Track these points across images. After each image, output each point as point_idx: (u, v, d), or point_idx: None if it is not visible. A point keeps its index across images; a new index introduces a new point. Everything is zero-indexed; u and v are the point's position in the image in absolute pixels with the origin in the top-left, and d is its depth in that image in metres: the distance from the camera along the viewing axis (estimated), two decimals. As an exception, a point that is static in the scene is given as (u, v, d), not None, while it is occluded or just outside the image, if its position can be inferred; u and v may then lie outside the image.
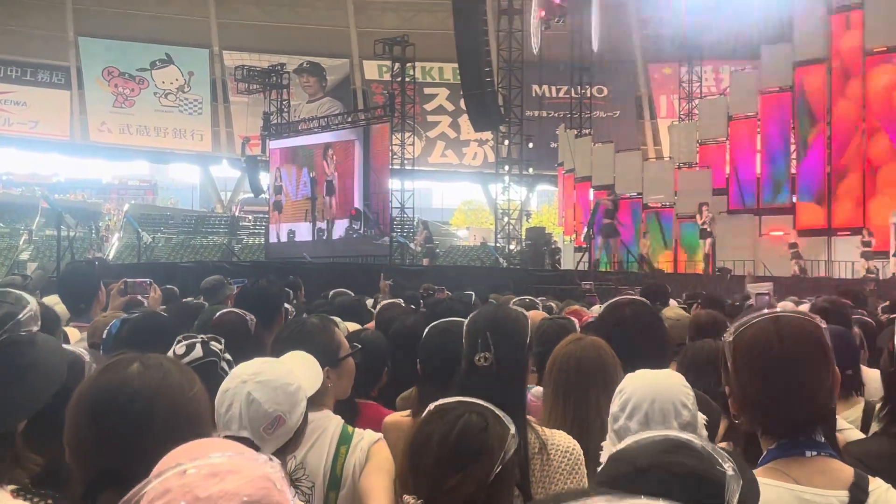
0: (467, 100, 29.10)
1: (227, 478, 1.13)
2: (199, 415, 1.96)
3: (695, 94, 34.08)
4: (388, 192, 28.95)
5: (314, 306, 8.14)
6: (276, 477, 1.17)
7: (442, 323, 3.91)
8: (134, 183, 50.64)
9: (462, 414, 2.22)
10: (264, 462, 1.18)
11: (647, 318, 3.86)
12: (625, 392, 2.60)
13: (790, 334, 2.16)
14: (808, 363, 2.15)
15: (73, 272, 6.52)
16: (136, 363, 1.99)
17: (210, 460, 1.16)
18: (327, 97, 46.24)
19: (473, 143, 46.17)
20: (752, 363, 2.17)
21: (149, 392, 1.91)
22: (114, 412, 1.90)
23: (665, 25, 37.64)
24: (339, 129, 30.26)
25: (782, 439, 2.17)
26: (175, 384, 1.95)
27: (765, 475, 2.12)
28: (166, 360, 2.09)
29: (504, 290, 11.44)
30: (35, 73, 45.58)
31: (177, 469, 1.15)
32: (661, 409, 2.54)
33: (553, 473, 2.86)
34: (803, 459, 2.15)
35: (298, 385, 2.66)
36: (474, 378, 2.87)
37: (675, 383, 2.65)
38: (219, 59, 46.50)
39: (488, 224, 43.51)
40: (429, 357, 3.73)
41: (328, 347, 3.33)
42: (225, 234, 41.01)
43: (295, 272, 13.15)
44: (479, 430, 2.18)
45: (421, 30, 39.57)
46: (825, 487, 2.11)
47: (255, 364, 2.62)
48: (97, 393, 1.95)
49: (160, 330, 4.34)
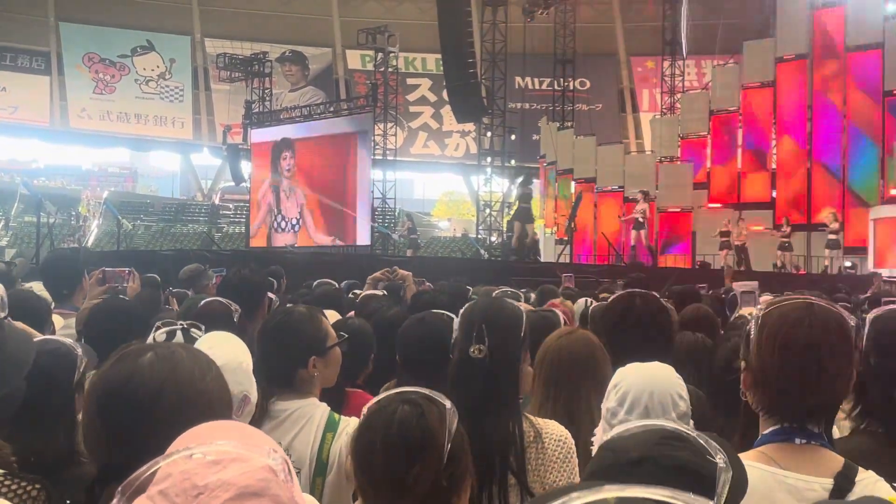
0: (450, 91, 29.10)
1: (228, 466, 1.12)
2: (211, 404, 1.93)
3: (677, 89, 34.17)
4: (370, 182, 28.87)
5: (297, 295, 8.13)
6: (280, 468, 1.16)
7: (419, 314, 3.93)
8: (114, 170, 50.26)
9: (395, 409, 2.18)
10: (268, 452, 1.17)
11: (655, 309, 3.87)
12: (620, 386, 2.61)
13: (820, 320, 2.17)
14: (833, 352, 2.15)
15: (56, 259, 6.50)
16: (150, 353, 1.97)
17: (217, 447, 1.15)
18: (309, 86, 46.10)
19: (456, 135, 46.18)
20: (778, 339, 2.17)
21: (156, 383, 1.89)
22: (120, 403, 1.89)
23: (648, 18, 37.78)
24: (321, 118, 30.11)
25: (784, 423, 2.18)
26: (185, 374, 1.93)
27: (752, 458, 2.14)
28: (180, 348, 2.06)
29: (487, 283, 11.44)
30: (15, 58, 45.18)
31: (183, 453, 1.14)
32: (661, 402, 2.56)
33: (547, 462, 2.88)
34: (793, 446, 2.16)
35: (247, 361, 2.73)
36: (467, 369, 2.88)
37: (669, 374, 2.67)
38: (200, 46, 46.27)
39: (469, 216, 43.52)
40: (406, 348, 3.76)
41: (315, 336, 3.34)
42: (205, 223, 40.85)
43: (276, 262, 13.10)
44: (416, 418, 2.15)
45: (404, 20, 39.51)
46: (811, 474, 2.13)
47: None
48: (106, 383, 1.94)
49: (125, 316, 4.37)
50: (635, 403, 2.55)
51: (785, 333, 2.17)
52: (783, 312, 2.21)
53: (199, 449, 1.15)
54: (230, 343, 2.85)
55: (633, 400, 2.55)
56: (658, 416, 2.46)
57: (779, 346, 2.16)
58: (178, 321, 3.42)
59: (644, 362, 2.73)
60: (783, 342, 2.16)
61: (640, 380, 2.61)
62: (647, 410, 2.51)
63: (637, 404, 2.54)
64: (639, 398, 2.55)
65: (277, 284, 8.96)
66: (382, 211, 31.72)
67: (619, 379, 2.65)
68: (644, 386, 2.58)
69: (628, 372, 2.66)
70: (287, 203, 30.32)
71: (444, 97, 34.21)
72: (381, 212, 31.35)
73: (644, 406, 2.53)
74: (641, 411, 2.51)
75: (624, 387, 2.60)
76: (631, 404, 2.55)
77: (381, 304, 5.66)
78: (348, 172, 28.57)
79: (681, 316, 5.75)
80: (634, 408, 2.53)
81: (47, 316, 4.64)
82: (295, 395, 3.28)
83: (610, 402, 2.61)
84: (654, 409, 2.52)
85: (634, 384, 2.59)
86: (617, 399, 2.58)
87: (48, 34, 45.16)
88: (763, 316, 2.23)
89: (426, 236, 38.41)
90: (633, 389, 2.58)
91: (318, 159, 29.76)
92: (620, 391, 2.59)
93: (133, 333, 3.79)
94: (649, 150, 33.65)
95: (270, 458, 1.16)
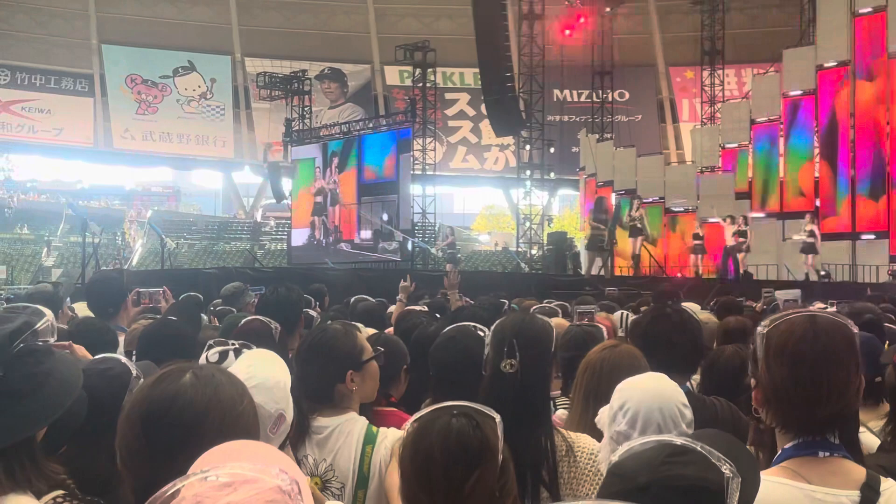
0: (488, 105, 29.08)
1: (239, 488, 1.15)
2: (248, 429, 1.97)
3: (717, 98, 33.94)
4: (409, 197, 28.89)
5: (335, 311, 8.19)
6: (289, 488, 1.18)
7: (451, 330, 3.94)
8: (157, 189, 50.89)
9: (448, 420, 2.23)
10: (278, 474, 1.20)
11: (688, 323, 3.87)
12: (627, 407, 2.58)
13: (825, 332, 2.18)
14: (839, 362, 2.16)
15: (100, 279, 6.62)
16: (189, 373, 2.00)
17: (231, 469, 1.18)
18: (349, 103, 46.34)
19: (495, 148, 46.17)
20: (784, 354, 2.18)
21: (200, 405, 1.93)
22: (165, 424, 1.92)
23: (686, 28, 37.60)
24: (360, 134, 30.22)
25: (800, 437, 2.18)
26: (227, 398, 1.97)
27: (777, 474, 2.15)
28: (218, 371, 2.10)
29: (526, 296, 11.44)
30: (59, 80, 45.92)
31: (199, 475, 1.17)
32: (671, 416, 2.55)
33: (580, 475, 2.90)
34: (816, 460, 2.16)
35: (284, 380, 2.73)
36: (500, 384, 2.91)
37: (671, 387, 2.66)
38: (241, 65, 46.71)
39: (510, 229, 43.45)
40: (438, 365, 3.77)
41: (351, 351, 3.40)
42: (247, 240, 41.17)
43: (317, 278, 13.18)
44: (473, 429, 2.20)
45: (441, 35, 39.65)
46: (837, 487, 2.13)
47: (241, 370, 2.64)
48: (149, 404, 1.97)
49: (173, 337, 4.42)
50: (647, 423, 2.53)
51: (791, 348, 2.18)
52: (788, 327, 2.21)
53: (213, 471, 1.18)
54: (269, 361, 2.86)
55: (645, 420, 2.54)
56: (670, 430, 2.45)
57: (787, 361, 2.17)
58: (228, 341, 3.47)
59: (640, 375, 2.73)
60: (790, 357, 2.17)
61: (646, 397, 2.59)
62: (658, 428, 2.50)
63: (649, 424, 2.53)
64: (650, 417, 2.54)
65: (319, 303, 9.02)
66: (422, 226, 31.77)
67: (622, 399, 2.62)
68: (651, 403, 2.57)
69: (630, 390, 2.64)
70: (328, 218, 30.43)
71: (483, 111, 34.20)
72: (421, 227, 31.39)
73: (656, 424, 2.52)
74: (654, 430, 2.49)
75: (632, 407, 2.57)
76: (643, 425, 2.53)
77: (421, 320, 5.68)
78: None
79: (722, 326, 5.73)
80: (647, 428, 2.52)
81: (114, 342, 4.70)
82: (334, 411, 3.33)
83: (620, 425, 2.57)
84: (666, 425, 2.51)
85: (642, 403, 2.57)
86: (627, 422, 2.56)
87: (91, 57, 45.85)
88: (768, 332, 2.23)
89: (466, 250, 38.42)
90: (642, 409, 2.56)
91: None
92: (629, 412, 2.57)
93: (182, 354, 3.86)
94: (690, 161, 33.41)
95: (279, 479, 1.19)
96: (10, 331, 2.09)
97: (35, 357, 2.15)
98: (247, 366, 2.71)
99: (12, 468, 2.05)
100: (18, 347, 2.09)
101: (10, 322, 2.13)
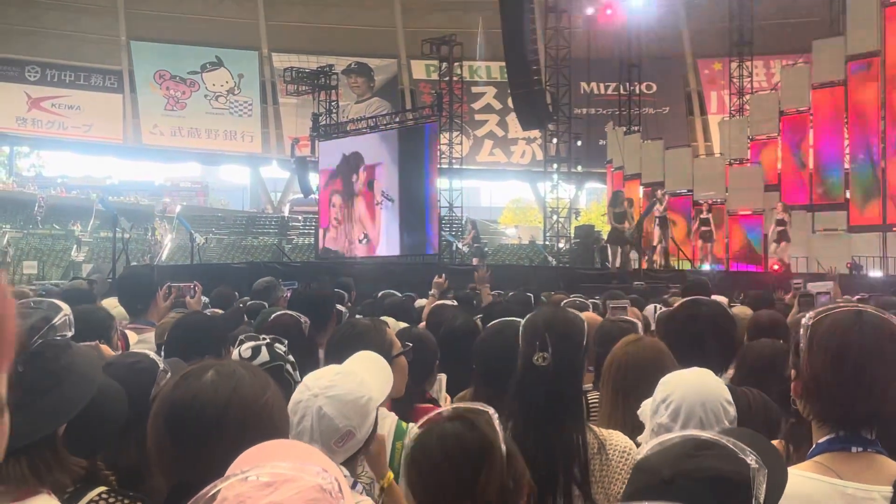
0: (515, 98, 29.04)
1: (280, 487, 1.15)
2: (273, 422, 1.97)
3: (745, 90, 33.68)
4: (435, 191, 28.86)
5: (364, 306, 8.21)
6: (332, 488, 1.18)
7: (497, 324, 3.92)
8: (186, 185, 51.14)
9: (444, 427, 2.22)
10: (318, 472, 1.19)
11: (721, 317, 3.84)
12: (671, 400, 2.58)
13: (871, 327, 2.16)
14: (885, 358, 2.14)
15: (130, 275, 6.69)
16: (211, 371, 2.01)
17: (271, 468, 1.19)
18: (375, 97, 46.43)
19: (521, 142, 46.11)
20: (829, 347, 2.16)
21: (221, 402, 1.94)
22: (187, 422, 1.94)
23: (714, 20, 37.34)
24: (387, 129, 30.24)
25: (837, 431, 2.17)
26: (248, 394, 1.97)
27: (808, 469, 2.13)
28: (240, 366, 2.10)
29: (556, 290, 11.42)
30: (88, 77, 46.33)
31: (239, 476, 1.17)
32: (713, 411, 2.54)
33: (612, 473, 2.88)
34: (849, 455, 2.14)
35: (369, 397, 2.64)
36: (532, 378, 2.90)
37: (715, 382, 2.65)
38: (268, 60, 46.92)
39: (537, 222, 43.37)
40: (484, 358, 3.74)
41: (380, 347, 3.38)
42: (275, 235, 41.30)
43: (346, 273, 13.22)
44: (469, 430, 2.19)
45: (468, 29, 39.59)
46: (869, 482, 2.10)
47: (328, 376, 2.62)
48: (172, 402, 1.99)
49: (203, 331, 4.43)
50: (689, 417, 2.52)
51: (837, 341, 2.16)
52: (834, 321, 2.19)
53: (253, 471, 1.18)
54: (361, 375, 2.74)
55: (687, 414, 2.53)
56: (712, 426, 2.44)
57: (831, 355, 2.15)
58: (260, 335, 3.49)
59: (686, 369, 2.72)
60: (835, 351, 2.15)
61: (690, 391, 2.58)
62: (700, 423, 2.49)
63: (691, 417, 2.52)
64: (692, 411, 2.53)
65: (347, 296, 9.06)
66: (449, 219, 31.76)
67: (666, 392, 2.61)
68: (695, 397, 2.56)
69: (674, 384, 2.63)
70: (355, 214, 30.48)
71: (509, 105, 34.18)
72: (448, 220, 31.39)
73: (698, 418, 2.51)
74: (696, 424, 2.48)
75: (675, 400, 2.56)
76: (685, 419, 2.52)
77: (450, 315, 5.69)
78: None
79: (754, 320, 5.69)
80: (689, 421, 2.50)
81: (111, 328, 4.65)
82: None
83: (662, 417, 2.57)
84: (708, 420, 2.50)
85: (686, 397, 2.56)
86: (669, 415, 2.55)
87: (120, 53, 46.22)
88: (813, 324, 2.21)
89: (494, 244, 38.37)
90: (684, 403, 2.55)
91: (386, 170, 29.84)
92: (671, 406, 2.56)
93: (210, 349, 3.88)
94: (718, 153, 33.18)
95: (320, 478, 1.18)
96: (28, 327, 2.09)
97: (54, 352, 2.15)
98: (336, 372, 2.67)
99: (36, 465, 2.06)
100: (37, 343, 2.10)
101: (28, 318, 2.14)
